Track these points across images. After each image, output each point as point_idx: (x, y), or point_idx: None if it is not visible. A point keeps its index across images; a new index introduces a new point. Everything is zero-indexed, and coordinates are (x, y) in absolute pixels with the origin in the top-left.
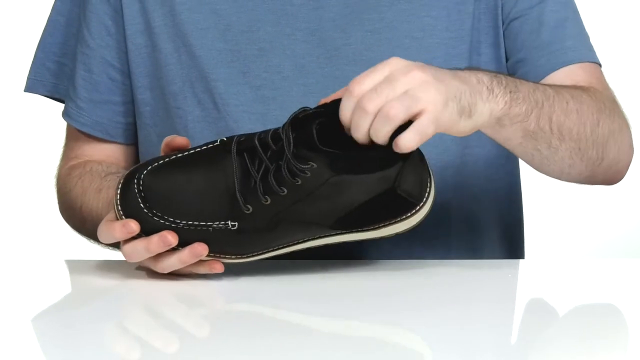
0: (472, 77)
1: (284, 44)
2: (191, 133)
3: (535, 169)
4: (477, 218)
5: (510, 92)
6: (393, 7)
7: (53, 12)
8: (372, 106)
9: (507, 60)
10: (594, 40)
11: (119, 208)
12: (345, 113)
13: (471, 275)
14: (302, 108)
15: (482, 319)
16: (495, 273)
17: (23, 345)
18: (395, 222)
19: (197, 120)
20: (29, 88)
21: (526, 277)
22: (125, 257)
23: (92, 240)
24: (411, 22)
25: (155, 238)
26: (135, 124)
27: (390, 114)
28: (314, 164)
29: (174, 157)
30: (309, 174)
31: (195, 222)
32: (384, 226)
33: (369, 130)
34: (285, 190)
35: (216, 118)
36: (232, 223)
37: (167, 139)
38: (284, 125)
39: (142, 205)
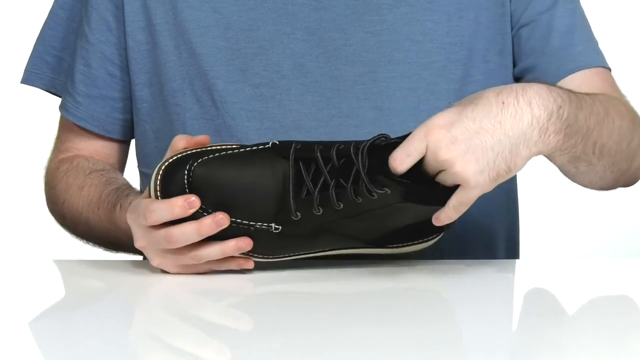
0: (526, 117)
1: (284, 42)
2: (188, 130)
3: (568, 178)
4: (473, 223)
5: (567, 126)
6: (394, 9)
7: (55, 6)
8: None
9: (514, 66)
10: (601, 45)
11: (159, 195)
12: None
13: (467, 274)
14: (380, 135)
15: (480, 318)
16: (492, 273)
17: (27, 349)
18: (416, 244)
19: (195, 117)
20: (26, 80)
21: (523, 277)
22: (169, 242)
23: (73, 236)
24: (412, 26)
25: (208, 219)
26: (131, 120)
27: None
28: (388, 190)
29: (224, 152)
30: (375, 197)
31: (239, 220)
32: (405, 246)
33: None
34: (342, 205)
35: (214, 115)
36: (276, 226)
37: (189, 140)
38: (357, 148)
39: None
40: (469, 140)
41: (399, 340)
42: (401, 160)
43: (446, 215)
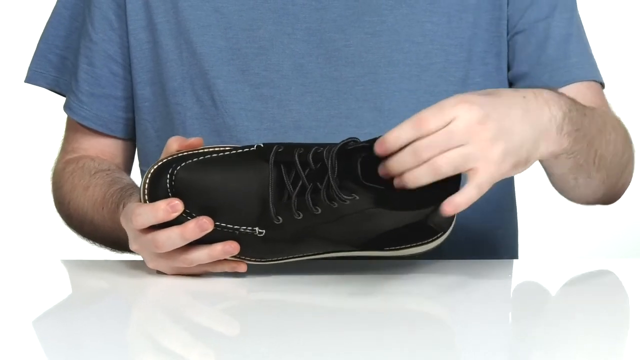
0: (546, 112)
1: (284, 43)
2: (189, 130)
3: (561, 193)
4: (474, 224)
5: (577, 129)
6: (394, 10)
7: (59, 5)
8: (425, 155)
9: (508, 70)
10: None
11: (146, 199)
12: (391, 145)
13: (466, 274)
14: (350, 138)
15: (478, 318)
16: (490, 272)
17: (29, 349)
18: (416, 246)
19: (195, 117)
20: (30, 79)
21: (522, 277)
22: (156, 247)
23: (79, 236)
24: (412, 27)
25: (191, 224)
26: (134, 119)
27: (438, 168)
28: (356, 196)
29: (209, 156)
30: (348, 202)
31: (223, 224)
32: (405, 248)
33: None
34: (320, 210)
35: (214, 115)
36: (260, 230)
37: (183, 142)
38: (329, 152)
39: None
40: (501, 122)
41: (396, 341)
42: (425, 119)
43: (457, 203)
